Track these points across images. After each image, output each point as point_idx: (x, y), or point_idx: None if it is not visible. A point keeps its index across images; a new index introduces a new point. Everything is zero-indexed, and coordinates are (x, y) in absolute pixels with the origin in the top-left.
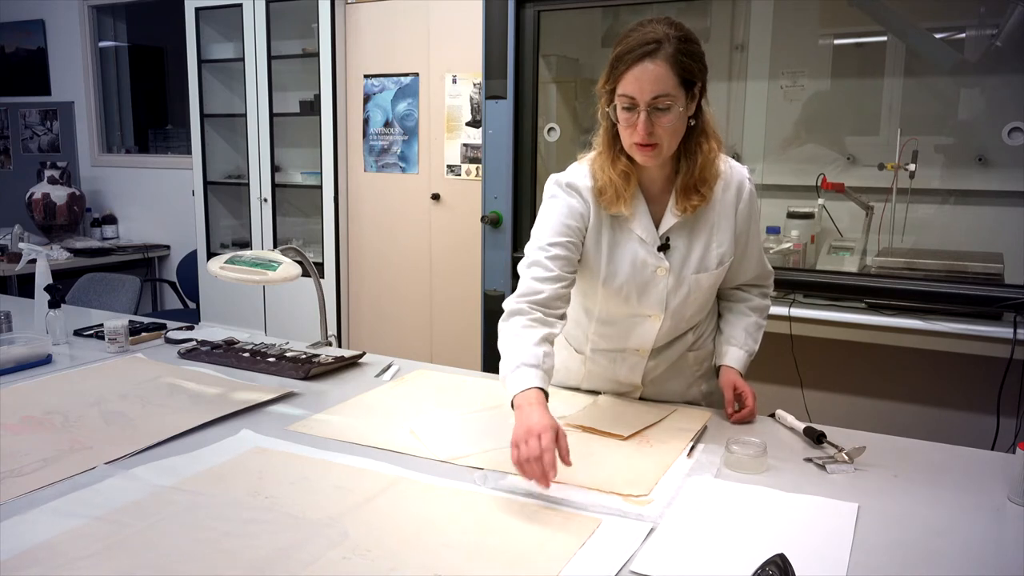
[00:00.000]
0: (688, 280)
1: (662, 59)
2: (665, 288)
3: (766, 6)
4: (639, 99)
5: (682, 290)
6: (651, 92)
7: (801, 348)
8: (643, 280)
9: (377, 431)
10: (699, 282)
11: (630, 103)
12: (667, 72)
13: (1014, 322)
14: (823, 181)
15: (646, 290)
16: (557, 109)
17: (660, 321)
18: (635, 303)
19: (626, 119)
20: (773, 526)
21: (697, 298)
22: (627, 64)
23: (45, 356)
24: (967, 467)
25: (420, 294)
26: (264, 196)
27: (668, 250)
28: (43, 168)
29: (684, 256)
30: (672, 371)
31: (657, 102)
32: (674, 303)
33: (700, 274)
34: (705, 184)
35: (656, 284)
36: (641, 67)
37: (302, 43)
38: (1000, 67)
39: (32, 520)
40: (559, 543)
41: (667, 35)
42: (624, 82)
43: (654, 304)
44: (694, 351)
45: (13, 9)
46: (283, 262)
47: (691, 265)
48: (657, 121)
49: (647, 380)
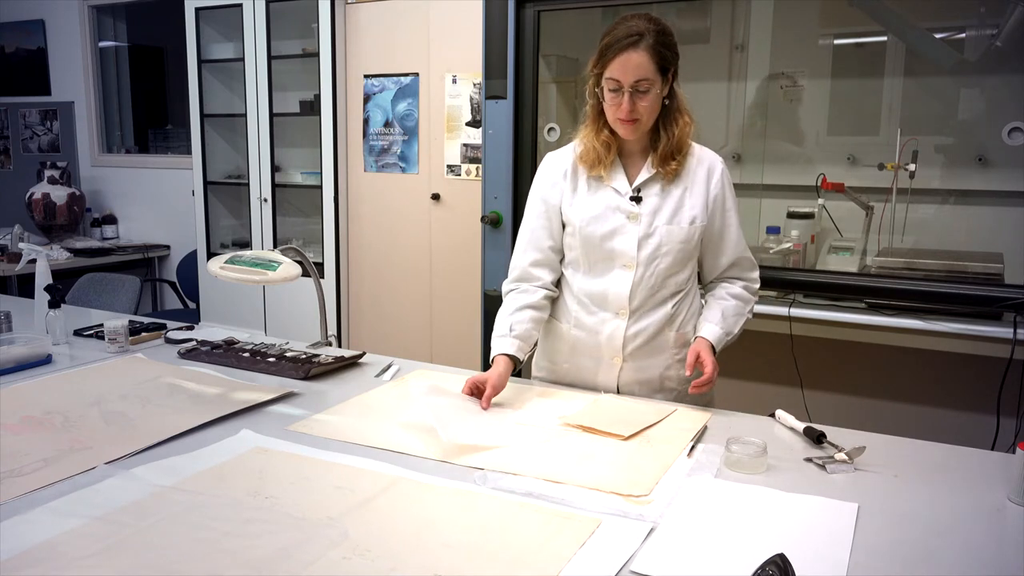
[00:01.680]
0: (660, 230)
1: (643, 49)
2: (636, 235)
3: (766, 6)
4: (623, 82)
5: (653, 239)
6: (634, 76)
7: (801, 348)
8: (615, 225)
9: (377, 431)
10: (671, 233)
11: (616, 85)
12: (647, 60)
13: (1014, 322)
14: (823, 181)
15: (617, 234)
16: (557, 109)
17: (634, 270)
18: (608, 247)
19: (611, 99)
20: (773, 526)
21: (669, 251)
22: (614, 52)
23: (45, 356)
24: (967, 467)
25: (420, 294)
26: (264, 196)
27: (640, 202)
28: (43, 168)
29: (656, 207)
30: (652, 348)
31: (639, 85)
32: (646, 251)
33: (671, 226)
34: (680, 152)
35: (627, 230)
36: (626, 55)
37: (302, 43)
38: (1000, 67)
39: (32, 520)
40: (559, 543)
41: (648, 28)
42: (611, 67)
43: (627, 249)
44: (674, 331)
45: (13, 9)
46: (283, 262)
47: (662, 216)
48: (638, 100)
49: (627, 352)
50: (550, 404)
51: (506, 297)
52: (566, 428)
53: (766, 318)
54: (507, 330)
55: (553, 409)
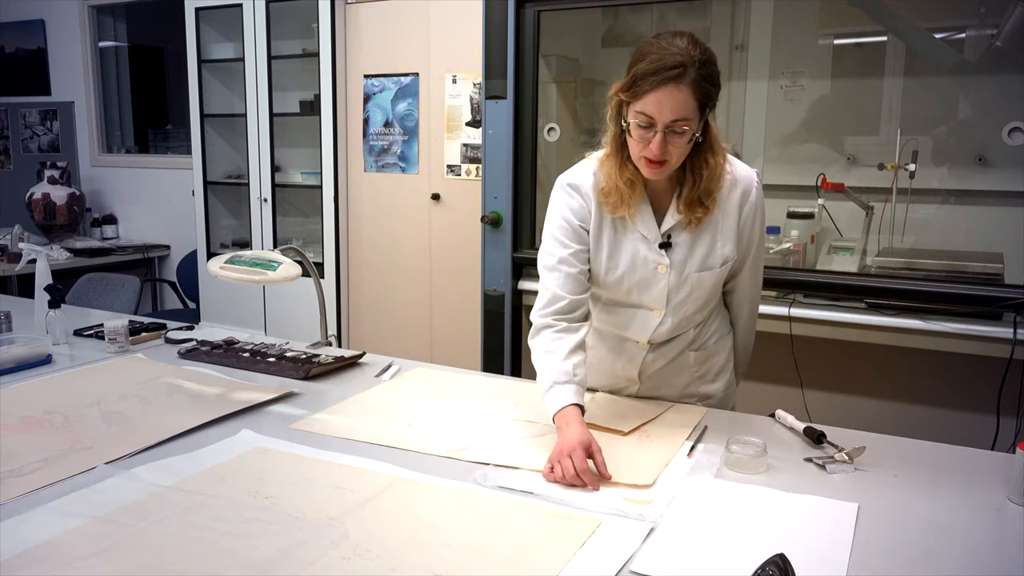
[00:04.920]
0: (691, 278)
1: (686, 85)
2: (667, 285)
3: (766, 6)
4: (658, 120)
5: (684, 288)
6: (671, 116)
7: (801, 348)
8: (644, 276)
9: (377, 428)
10: (701, 280)
11: (648, 122)
12: (689, 97)
13: (1014, 322)
14: (823, 181)
15: (647, 286)
16: (557, 109)
17: (661, 316)
18: (636, 297)
19: (640, 135)
20: (773, 526)
21: (699, 296)
22: (651, 85)
23: (45, 356)
24: (967, 467)
25: (420, 294)
26: (264, 196)
27: (670, 248)
28: (43, 168)
29: (686, 254)
30: (671, 368)
31: (675, 125)
32: (676, 299)
33: (703, 272)
34: (710, 196)
35: (657, 281)
36: (665, 91)
37: (302, 43)
38: (1000, 67)
39: (32, 520)
40: (559, 543)
41: (692, 58)
42: (645, 101)
43: (655, 299)
44: (695, 350)
45: (13, 9)
46: (283, 262)
47: (694, 263)
48: (671, 142)
49: (644, 375)
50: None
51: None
52: None
53: (766, 318)
54: (570, 375)
55: None
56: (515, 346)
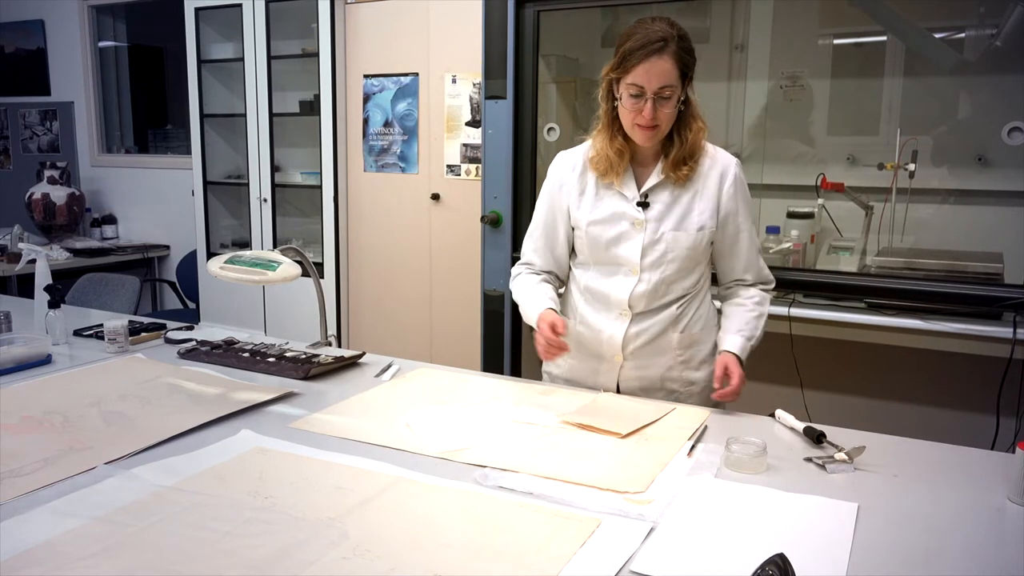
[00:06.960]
0: (666, 236)
1: (668, 55)
2: (641, 241)
3: (766, 6)
4: (647, 88)
5: (659, 247)
6: (658, 83)
7: (801, 348)
8: (620, 231)
9: (376, 428)
10: (677, 240)
11: (638, 91)
12: (672, 67)
13: (1014, 322)
14: (823, 181)
15: (622, 240)
16: (557, 109)
17: (637, 276)
18: (614, 252)
19: (632, 104)
20: (773, 526)
21: (675, 258)
22: (638, 58)
23: (45, 356)
24: (967, 467)
25: (420, 294)
26: (264, 196)
27: (647, 207)
28: (43, 168)
29: (663, 213)
30: (654, 348)
31: (662, 92)
32: (650, 257)
33: (678, 232)
34: (692, 157)
35: (632, 237)
36: (651, 62)
37: (302, 43)
38: (1000, 67)
39: (32, 520)
40: (559, 543)
41: (671, 34)
42: (634, 73)
43: (631, 254)
44: (678, 332)
45: (13, 9)
46: (283, 262)
47: (669, 222)
48: (660, 108)
49: (628, 351)
50: (549, 402)
51: (521, 276)
52: (564, 426)
53: None
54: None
55: (552, 407)
56: (515, 346)
